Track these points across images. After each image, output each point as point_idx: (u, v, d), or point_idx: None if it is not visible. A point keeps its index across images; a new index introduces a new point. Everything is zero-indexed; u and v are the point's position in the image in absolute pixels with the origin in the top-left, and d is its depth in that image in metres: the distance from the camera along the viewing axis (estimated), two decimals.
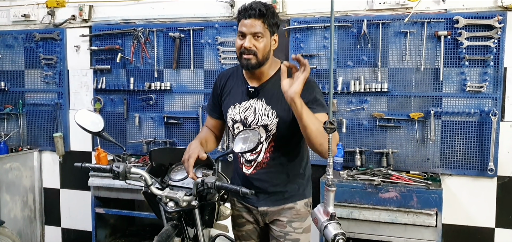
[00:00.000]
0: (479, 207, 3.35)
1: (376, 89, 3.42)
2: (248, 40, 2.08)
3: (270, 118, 2.16)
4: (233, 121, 2.25)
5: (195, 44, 3.86)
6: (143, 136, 4.07)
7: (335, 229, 1.67)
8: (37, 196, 4.49)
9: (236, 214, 2.39)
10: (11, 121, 4.50)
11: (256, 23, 2.08)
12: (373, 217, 3.05)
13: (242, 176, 2.29)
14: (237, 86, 2.28)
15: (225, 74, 2.38)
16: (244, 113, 2.21)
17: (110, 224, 4.14)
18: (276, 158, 2.22)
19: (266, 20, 2.09)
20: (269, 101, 2.17)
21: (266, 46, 2.12)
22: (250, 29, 2.09)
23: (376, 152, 3.48)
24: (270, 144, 2.20)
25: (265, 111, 2.17)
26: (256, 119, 2.18)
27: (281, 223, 2.26)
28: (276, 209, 2.26)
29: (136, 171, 2.04)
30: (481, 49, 3.22)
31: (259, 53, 2.10)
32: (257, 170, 2.24)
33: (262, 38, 2.10)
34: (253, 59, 2.10)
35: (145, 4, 3.98)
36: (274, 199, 2.24)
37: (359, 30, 3.43)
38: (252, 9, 2.08)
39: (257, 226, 2.37)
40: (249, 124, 2.19)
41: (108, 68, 4.10)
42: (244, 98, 2.23)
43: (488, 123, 3.24)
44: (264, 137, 2.19)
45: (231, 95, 2.28)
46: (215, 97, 2.39)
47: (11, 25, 4.42)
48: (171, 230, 2.02)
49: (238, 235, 2.43)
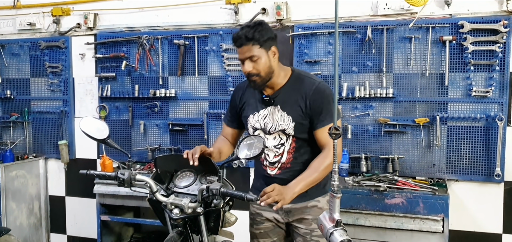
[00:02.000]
0: (486, 212, 3.32)
1: (381, 95, 3.41)
2: (246, 65, 2.20)
3: (287, 123, 2.26)
4: (254, 128, 2.36)
5: (199, 51, 3.87)
6: (148, 143, 4.07)
7: (341, 235, 1.65)
8: (43, 203, 4.50)
9: (255, 212, 2.46)
10: (17, 129, 4.52)
11: (247, 49, 2.18)
12: (379, 223, 3.04)
13: (266, 177, 2.37)
14: (254, 97, 2.38)
15: (241, 86, 2.50)
16: (264, 120, 2.32)
17: (115, 231, 4.14)
18: (298, 158, 2.31)
19: (256, 42, 2.17)
20: (284, 107, 2.28)
21: (265, 64, 2.21)
22: (245, 55, 2.20)
23: (382, 158, 3.46)
24: (292, 146, 2.29)
25: (281, 117, 2.28)
26: (274, 125, 2.29)
27: (307, 221, 2.33)
28: (300, 206, 2.31)
29: (141, 178, 2.04)
30: (486, 54, 3.20)
31: (261, 72, 2.21)
32: (281, 170, 2.32)
33: (258, 59, 2.19)
34: (258, 79, 2.22)
35: (150, 11, 4.00)
36: (298, 197, 2.27)
37: (363, 35, 3.42)
38: (239, 38, 2.18)
39: (276, 224, 2.42)
40: (269, 130, 2.31)
41: (113, 76, 4.11)
42: (261, 107, 2.34)
43: (495, 128, 3.22)
44: (285, 139, 2.29)
45: (250, 105, 2.39)
46: (233, 108, 2.50)
47: (17, 34, 4.45)
48: (177, 237, 2.01)
49: (255, 233, 2.47)
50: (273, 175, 2.34)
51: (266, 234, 2.44)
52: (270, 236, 2.44)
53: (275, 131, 2.29)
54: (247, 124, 2.40)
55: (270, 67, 2.23)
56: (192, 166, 2.19)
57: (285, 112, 2.27)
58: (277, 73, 2.27)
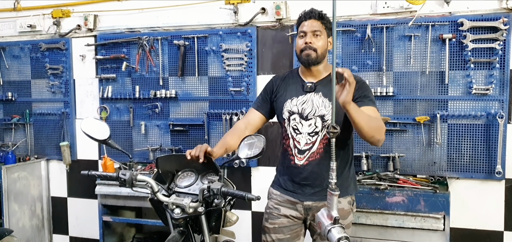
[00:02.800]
0: (487, 210, 3.33)
1: (381, 94, 3.41)
2: (309, 36, 2.33)
3: (328, 109, 2.32)
4: (290, 112, 2.39)
5: (199, 51, 3.87)
6: (149, 144, 4.08)
7: (339, 233, 1.66)
8: (45, 205, 4.52)
9: (273, 207, 2.46)
10: (18, 131, 4.53)
11: (316, 23, 2.34)
12: (380, 222, 3.04)
13: (291, 169, 2.39)
14: (293, 84, 2.45)
15: (280, 76, 2.57)
16: (302, 105, 2.37)
17: (117, 232, 4.15)
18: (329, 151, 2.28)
19: (323, 22, 2.36)
20: (327, 94, 2.35)
21: (324, 44, 2.35)
22: (310, 28, 2.34)
23: (383, 156, 3.47)
24: (325, 136, 2.33)
25: (322, 103, 2.33)
26: (314, 110, 2.34)
27: None
28: (321, 204, 2.30)
29: (142, 178, 2.05)
30: (486, 52, 3.21)
31: (319, 49, 2.33)
32: (309, 161, 2.34)
33: (320, 36, 2.34)
34: (313, 54, 2.32)
35: (150, 12, 4.01)
36: (320, 195, 2.33)
37: (363, 34, 3.43)
38: (312, 12, 2.37)
39: (294, 221, 2.42)
40: (306, 115, 2.35)
41: (114, 77, 4.12)
42: (301, 93, 2.40)
43: (495, 125, 3.22)
44: (320, 128, 2.33)
45: (288, 91, 2.45)
46: (268, 93, 2.54)
47: (18, 36, 4.46)
48: (178, 237, 2.02)
49: (268, 228, 2.47)
50: (300, 165, 2.35)
51: (280, 230, 2.44)
52: (284, 232, 2.43)
53: (313, 116, 2.33)
54: (282, 109, 2.42)
55: (325, 51, 2.37)
56: (193, 166, 2.20)
57: (327, 98, 2.32)
58: (324, 64, 2.40)
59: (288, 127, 2.39)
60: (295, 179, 2.38)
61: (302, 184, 2.37)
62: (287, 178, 2.42)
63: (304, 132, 2.34)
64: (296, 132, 2.36)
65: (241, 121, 2.57)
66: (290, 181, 2.41)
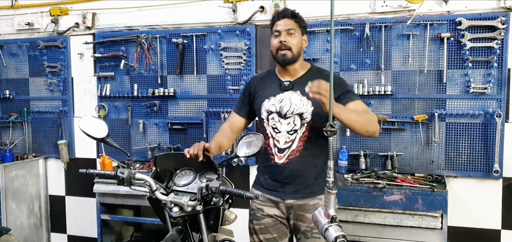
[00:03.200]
0: (485, 209, 3.34)
1: (379, 92, 3.42)
2: (283, 35, 2.34)
3: (306, 107, 2.33)
4: (268, 111, 2.40)
5: (198, 50, 3.87)
6: (148, 142, 4.08)
7: (336, 231, 1.66)
8: (43, 203, 4.51)
9: (256, 208, 2.47)
10: (16, 129, 4.53)
11: (290, 22, 2.36)
12: (378, 220, 3.05)
13: (272, 167, 2.39)
14: (271, 83, 2.47)
15: (258, 77, 2.61)
16: (280, 104, 2.37)
17: (115, 230, 4.14)
18: (309, 148, 2.35)
19: (297, 21, 2.38)
20: (305, 93, 2.30)
21: (298, 42, 2.37)
22: (284, 27, 2.35)
23: (381, 155, 3.47)
24: (304, 133, 2.34)
25: (300, 101, 2.34)
26: (292, 108, 2.34)
27: (307, 219, 2.36)
28: (302, 202, 2.35)
29: (140, 176, 2.05)
30: (484, 51, 3.21)
31: (294, 48, 2.35)
32: (289, 159, 2.35)
33: (295, 34, 2.36)
34: (289, 53, 2.34)
35: (148, 10, 4.01)
36: (302, 193, 2.36)
37: (361, 33, 3.43)
38: (285, 11, 2.41)
39: (277, 220, 2.44)
40: (285, 113, 2.35)
41: (112, 75, 4.12)
42: (278, 92, 2.40)
43: (493, 124, 3.23)
44: (299, 126, 2.34)
45: (266, 91, 2.45)
46: (246, 96, 2.57)
47: (16, 33, 4.45)
48: (176, 235, 2.02)
49: (255, 229, 2.48)
50: (281, 163, 2.35)
51: (266, 230, 2.45)
52: (270, 232, 2.45)
53: (292, 114, 2.33)
54: (260, 109, 2.43)
55: (300, 49, 2.39)
56: (191, 165, 2.20)
57: (305, 97, 2.32)
58: (300, 61, 2.42)
59: (267, 126, 2.40)
60: (276, 178, 2.39)
61: (283, 182, 2.37)
62: (268, 176, 2.43)
63: (283, 130, 2.34)
64: (275, 131, 2.37)
65: (226, 123, 2.60)
66: (271, 179, 2.42)
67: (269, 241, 2.46)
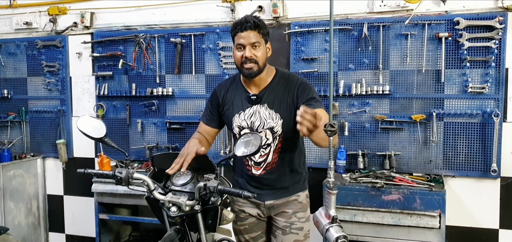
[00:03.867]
0: (483, 208, 3.34)
1: (377, 92, 3.42)
2: (248, 50, 2.24)
3: (275, 120, 2.31)
4: (240, 127, 2.37)
5: (196, 49, 3.87)
6: (146, 142, 4.08)
7: (337, 232, 1.67)
8: (41, 202, 4.51)
9: (238, 210, 2.50)
10: (14, 128, 4.52)
11: (252, 34, 2.24)
12: (377, 220, 3.05)
13: (250, 176, 2.43)
14: (238, 95, 2.40)
15: (223, 85, 2.50)
16: (250, 119, 2.35)
17: (114, 230, 4.14)
18: (283, 158, 2.37)
19: (260, 31, 2.26)
20: (272, 105, 2.33)
21: (263, 53, 2.28)
22: (248, 40, 2.24)
23: (379, 155, 3.48)
24: (278, 146, 2.35)
25: (269, 115, 2.32)
26: (262, 123, 2.33)
27: (287, 214, 2.41)
28: (282, 202, 2.42)
29: (138, 176, 2.04)
30: (482, 50, 3.22)
31: (259, 61, 2.26)
32: (266, 170, 2.38)
33: (259, 47, 2.26)
34: (255, 67, 2.26)
35: (146, 10, 4.00)
36: (280, 193, 2.41)
37: (360, 33, 3.43)
38: (247, 22, 2.24)
39: (260, 219, 2.50)
40: (256, 128, 2.33)
41: (110, 75, 4.12)
42: (247, 106, 2.37)
43: (491, 124, 3.23)
44: (271, 139, 2.34)
45: (234, 104, 2.40)
46: (214, 107, 2.49)
47: (14, 33, 4.44)
48: (174, 235, 2.02)
49: (240, 230, 2.53)
50: (258, 175, 2.39)
51: (251, 229, 2.52)
52: (255, 230, 2.52)
53: (263, 129, 2.32)
54: (231, 124, 2.40)
55: (266, 60, 2.31)
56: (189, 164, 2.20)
57: (273, 110, 2.31)
58: (266, 70, 2.34)
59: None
60: (255, 185, 2.42)
61: (262, 187, 2.41)
62: (246, 181, 2.46)
63: None
64: None
65: (197, 133, 2.54)
66: (249, 184, 2.45)
67: (254, 239, 2.53)
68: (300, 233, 2.41)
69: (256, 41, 2.24)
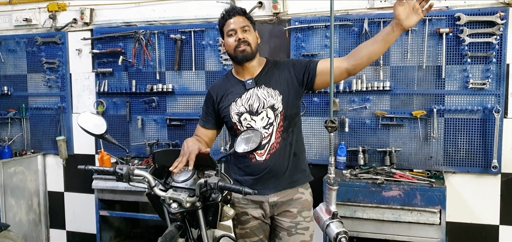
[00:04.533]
0: (483, 204, 3.34)
1: (378, 88, 3.42)
2: (240, 32, 2.29)
3: (275, 97, 2.30)
4: (239, 114, 2.34)
5: (196, 45, 3.86)
6: (146, 138, 4.08)
7: (338, 227, 1.67)
8: (42, 199, 4.51)
9: (240, 212, 2.41)
10: (14, 125, 4.52)
11: (241, 19, 2.32)
12: (377, 216, 3.05)
13: (252, 167, 2.34)
14: (232, 87, 2.40)
15: (216, 84, 2.50)
16: (248, 102, 2.33)
17: (114, 226, 4.15)
18: (286, 138, 2.33)
19: (247, 16, 2.35)
20: (269, 84, 2.33)
21: (254, 38, 2.34)
22: (238, 24, 2.30)
23: (379, 151, 3.47)
24: (280, 124, 2.31)
25: (268, 93, 2.31)
26: (262, 103, 2.31)
27: (291, 214, 2.34)
28: (286, 198, 2.34)
29: (139, 172, 2.04)
30: (483, 46, 3.21)
31: (252, 43, 2.30)
32: (271, 153, 2.31)
33: (249, 31, 2.32)
34: (248, 49, 2.29)
35: (146, 6, 4.00)
36: (284, 185, 2.33)
37: (360, 28, 3.43)
38: (234, 8, 2.34)
39: (262, 222, 2.41)
40: (256, 110, 2.31)
41: (110, 71, 4.11)
42: (243, 91, 2.35)
43: (491, 120, 3.23)
44: (273, 118, 2.31)
45: (229, 95, 2.39)
46: (210, 106, 2.48)
47: (13, 29, 4.44)
48: (175, 231, 2.02)
49: (241, 234, 2.44)
50: (263, 160, 2.31)
51: (252, 233, 2.43)
52: (257, 234, 2.43)
53: (263, 108, 2.30)
54: (229, 114, 2.35)
55: (257, 45, 2.35)
56: None
57: (271, 88, 2.31)
58: (257, 58, 2.37)
59: (241, 128, 2.33)
60: (258, 176, 2.33)
61: (266, 177, 2.33)
62: (249, 177, 2.37)
63: (259, 127, 2.29)
64: None
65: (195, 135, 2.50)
66: (252, 179, 2.36)
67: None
68: (306, 234, 2.34)
69: (246, 25, 2.30)
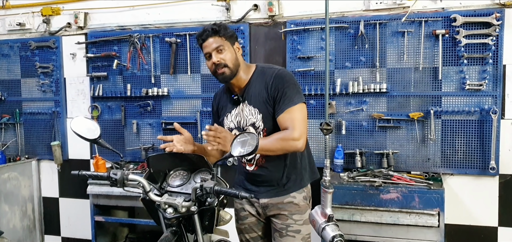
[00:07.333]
0: (482, 206, 3.33)
1: (375, 90, 3.40)
2: (214, 55, 2.29)
3: (255, 116, 2.35)
4: (230, 129, 2.44)
5: (191, 49, 3.84)
6: (141, 143, 4.05)
7: (333, 230, 1.66)
8: (36, 205, 4.46)
9: (239, 207, 2.56)
10: (8, 131, 4.48)
11: (212, 40, 2.29)
12: (375, 219, 3.03)
13: (246, 174, 2.47)
14: (226, 99, 2.49)
15: (218, 93, 2.60)
16: (236, 119, 2.42)
17: (110, 232, 4.12)
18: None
19: (220, 34, 2.30)
20: (251, 101, 2.37)
21: (231, 55, 2.32)
22: (211, 47, 2.29)
23: (377, 153, 3.46)
24: None
25: (249, 111, 2.36)
26: (245, 120, 2.38)
27: (283, 216, 2.40)
28: (276, 201, 2.41)
29: (134, 177, 2.02)
30: (479, 47, 3.20)
31: (229, 63, 2.29)
32: (258, 166, 2.41)
33: (224, 50, 2.30)
34: (227, 71, 2.30)
35: (141, 10, 3.97)
36: (275, 191, 2.41)
37: (356, 30, 3.41)
38: (205, 31, 2.32)
39: (259, 219, 2.51)
40: (243, 127, 2.39)
41: (105, 75, 4.08)
42: (232, 107, 2.44)
43: (489, 121, 3.22)
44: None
45: (224, 108, 2.50)
46: (215, 114, 2.60)
47: (7, 34, 4.40)
48: (171, 237, 1.99)
49: (241, 229, 2.58)
50: (251, 171, 2.43)
51: (251, 229, 2.54)
52: (255, 230, 2.54)
53: (247, 125, 2.37)
54: (224, 126, 2.46)
55: (237, 60, 2.33)
56: (185, 165, 2.17)
57: (252, 106, 2.35)
58: (243, 69, 2.37)
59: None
60: (251, 181, 2.47)
61: (257, 182, 2.44)
62: (244, 178, 2.51)
63: None
64: None
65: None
66: (246, 180, 2.50)
67: (254, 239, 2.56)
68: (297, 236, 2.39)
69: (219, 46, 2.28)
